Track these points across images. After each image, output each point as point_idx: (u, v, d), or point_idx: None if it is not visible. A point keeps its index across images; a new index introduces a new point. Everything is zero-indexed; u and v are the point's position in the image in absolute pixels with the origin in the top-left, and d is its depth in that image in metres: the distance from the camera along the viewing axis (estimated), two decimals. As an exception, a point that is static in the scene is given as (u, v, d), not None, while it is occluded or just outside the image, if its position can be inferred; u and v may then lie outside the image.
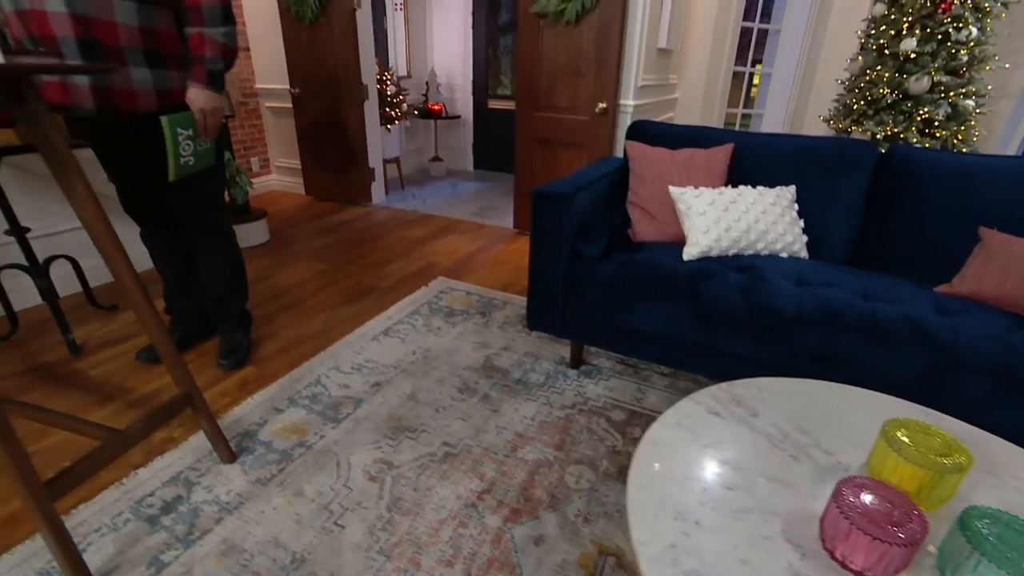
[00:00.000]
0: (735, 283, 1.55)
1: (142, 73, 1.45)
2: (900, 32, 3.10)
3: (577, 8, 2.54)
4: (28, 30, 1.33)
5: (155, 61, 1.47)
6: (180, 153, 1.52)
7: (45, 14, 1.32)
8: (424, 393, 1.78)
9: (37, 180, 2.29)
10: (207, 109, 1.53)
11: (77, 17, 1.32)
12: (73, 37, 1.33)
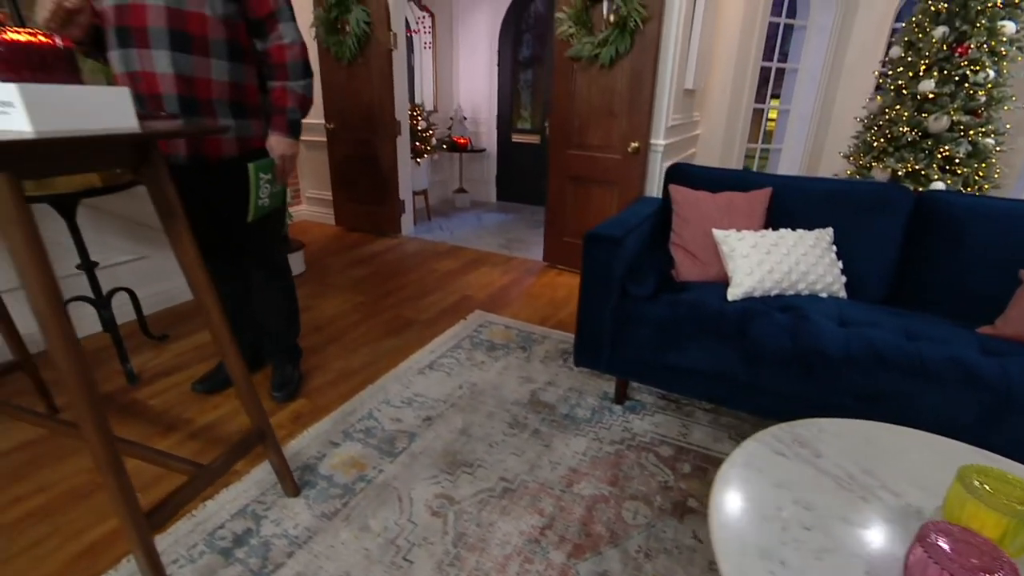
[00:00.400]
0: (781, 323, 1.61)
1: (228, 123, 1.57)
2: (918, 74, 3.21)
3: (611, 54, 2.67)
4: (136, 89, 1.44)
5: (239, 112, 1.59)
6: (259, 196, 1.62)
7: (154, 75, 1.44)
8: (476, 428, 1.83)
9: (103, 217, 2.40)
10: (286, 155, 1.64)
11: (181, 77, 1.45)
12: (175, 95, 1.46)
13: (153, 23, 1.41)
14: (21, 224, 0.86)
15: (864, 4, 3.91)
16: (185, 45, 1.44)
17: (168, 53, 1.43)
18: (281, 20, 1.54)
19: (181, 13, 1.42)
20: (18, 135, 0.85)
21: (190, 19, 1.43)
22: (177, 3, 1.41)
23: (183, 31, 1.43)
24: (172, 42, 1.43)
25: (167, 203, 1.14)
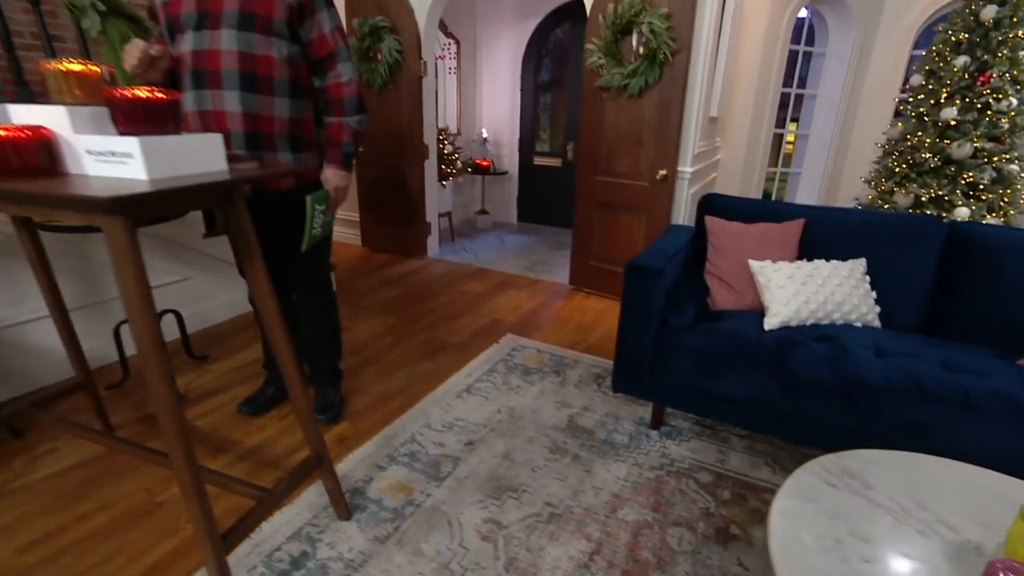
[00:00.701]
0: (819, 354, 1.65)
1: (286, 157, 1.66)
2: (939, 101, 3.26)
3: (640, 84, 2.75)
4: (206, 127, 1.53)
5: (296, 146, 1.67)
6: (313, 226, 1.70)
7: (224, 114, 1.53)
8: (518, 453, 1.87)
9: (150, 240, 2.49)
10: (340, 187, 1.72)
11: (248, 115, 1.54)
12: (243, 132, 1.55)
13: (226, 66, 1.50)
14: (134, 264, 0.93)
15: (882, 33, 3.98)
16: (253, 85, 1.53)
17: (238, 93, 1.52)
18: (340, 60, 1.63)
19: (252, 57, 1.51)
20: (136, 183, 0.92)
21: (259, 62, 1.52)
22: (248, 47, 1.50)
23: (252, 72, 1.52)
24: (242, 83, 1.52)
25: (246, 239, 1.21)
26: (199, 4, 1.50)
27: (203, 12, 1.49)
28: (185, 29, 1.52)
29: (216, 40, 1.50)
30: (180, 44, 1.54)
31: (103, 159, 0.96)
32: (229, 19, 1.48)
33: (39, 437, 1.91)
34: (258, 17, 1.49)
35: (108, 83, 1.09)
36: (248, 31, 1.49)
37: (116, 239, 0.91)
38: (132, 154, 0.92)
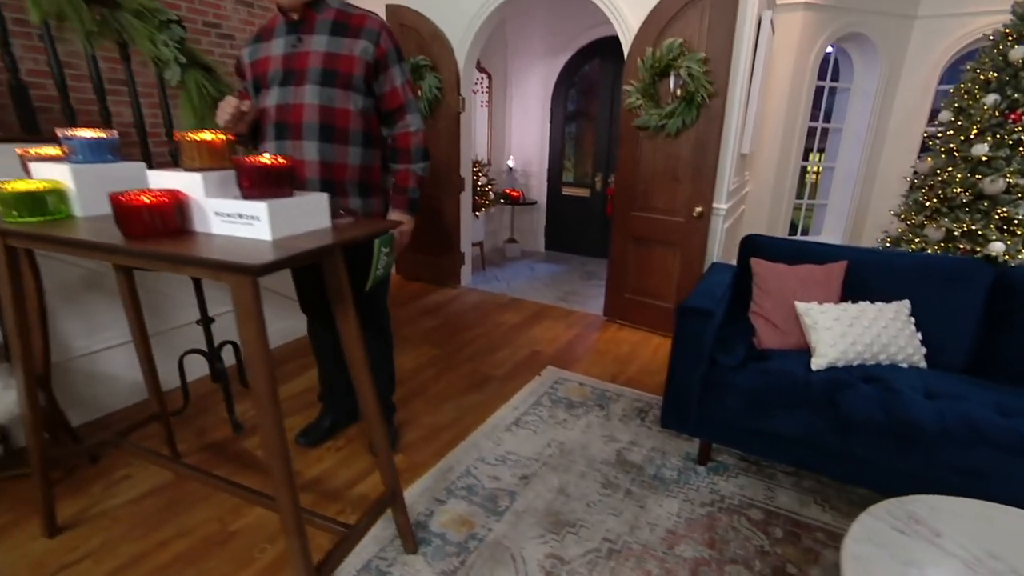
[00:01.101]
0: (869, 395, 1.69)
1: (356, 201, 1.76)
2: (970, 137, 3.31)
3: (678, 124, 2.85)
4: None
5: (365, 191, 1.78)
6: (378, 267, 1.79)
7: (303, 162, 1.65)
8: (571, 487, 1.92)
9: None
10: (405, 231, 1.82)
11: (324, 163, 1.66)
12: (318, 178, 1.66)
13: (308, 119, 1.62)
14: (257, 318, 1.02)
15: (908, 69, 4.07)
16: (330, 136, 1.65)
17: (316, 144, 1.64)
18: (409, 111, 1.74)
19: (331, 110, 1.63)
20: (261, 243, 1.02)
21: (337, 115, 1.64)
22: (328, 101, 1.62)
23: (331, 124, 1.64)
24: (321, 134, 1.64)
25: (340, 287, 1.31)
26: (286, 63, 1.63)
27: (289, 70, 1.63)
28: (271, 85, 1.65)
29: (300, 95, 1.62)
30: (265, 98, 1.68)
31: (230, 220, 1.06)
32: (313, 76, 1.61)
33: (113, 463, 2.00)
34: (339, 74, 1.61)
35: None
36: (329, 87, 1.62)
37: (244, 296, 1.01)
38: (259, 217, 1.03)
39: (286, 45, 1.64)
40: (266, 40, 1.69)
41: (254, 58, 1.70)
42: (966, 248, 3.29)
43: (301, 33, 1.63)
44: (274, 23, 1.70)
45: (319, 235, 1.13)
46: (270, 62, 1.65)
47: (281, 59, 1.63)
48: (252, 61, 1.70)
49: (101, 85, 2.20)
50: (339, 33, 1.62)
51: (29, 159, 1.38)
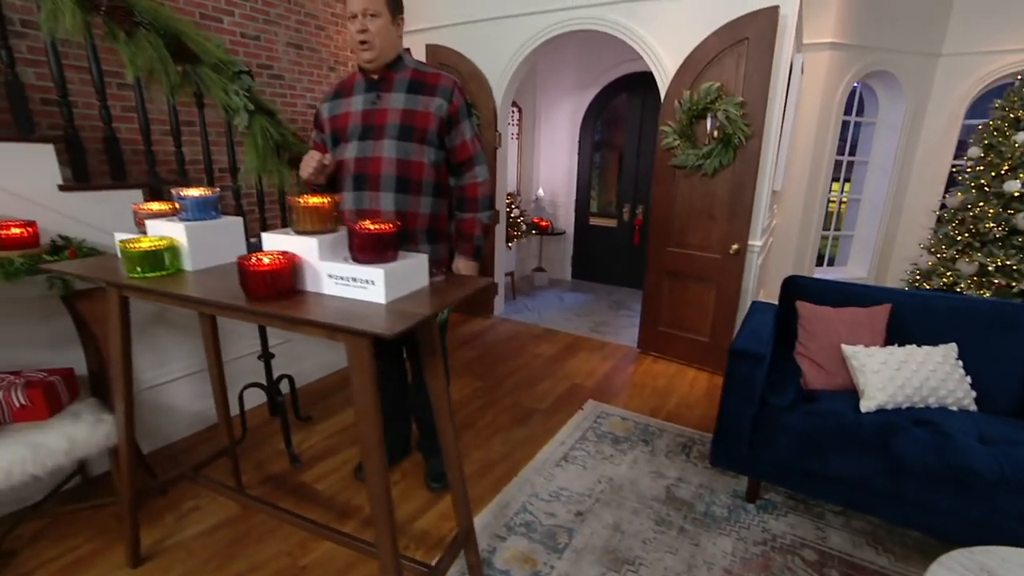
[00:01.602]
0: (923, 439, 1.74)
1: (424, 248, 1.85)
2: (1001, 173, 3.37)
3: (715, 165, 2.94)
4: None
5: (433, 238, 1.87)
6: (443, 313, 1.88)
7: (379, 212, 1.75)
8: (626, 524, 1.97)
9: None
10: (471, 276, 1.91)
11: (399, 213, 1.75)
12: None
13: (385, 171, 1.73)
14: (371, 375, 1.11)
15: (933, 103, 4.15)
16: (406, 187, 1.75)
17: (393, 195, 1.74)
18: (477, 163, 1.84)
19: (407, 163, 1.73)
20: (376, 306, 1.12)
21: (413, 167, 1.74)
22: (405, 155, 1.73)
23: (406, 177, 1.74)
24: (397, 185, 1.74)
25: (432, 344, 1.40)
26: (365, 119, 1.74)
27: (368, 125, 1.74)
28: (351, 139, 1.76)
29: (378, 149, 1.73)
30: (344, 151, 1.78)
31: (344, 283, 1.16)
32: (391, 131, 1.72)
33: (181, 494, 2.09)
34: (415, 129, 1.72)
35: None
36: (406, 141, 1.72)
37: (360, 357, 1.10)
38: (375, 281, 1.12)
39: (366, 102, 1.75)
40: (346, 96, 1.80)
41: (334, 113, 1.81)
42: (1000, 283, 3.32)
43: (380, 91, 1.74)
44: (353, 81, 1.82)
45: (422, 296, 1.22)
46: (350, 117, 1.76)
47: (361, 115, 1.75)
48: (332, 116, 1.82)
49: (178, 132, 2.34)
50: (416, 91, 1.73)
51: (143, 214, 1.50)
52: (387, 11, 1.67)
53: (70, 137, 2.02)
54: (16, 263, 1.64)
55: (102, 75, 2.09)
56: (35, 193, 1.91)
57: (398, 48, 1.75)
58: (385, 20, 1.67)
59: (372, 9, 1.64)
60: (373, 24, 1.65)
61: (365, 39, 1.66)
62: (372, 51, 1.68)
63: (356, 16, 1.65)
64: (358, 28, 1.66)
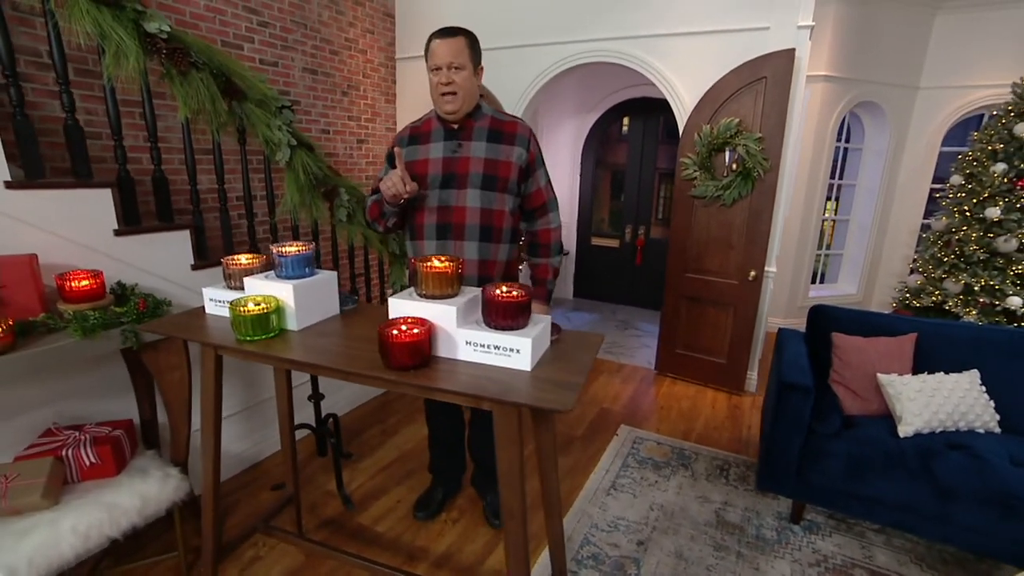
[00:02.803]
0: (961, 463, 1.89)
1: None
2: (982, 200, 3.65)
3: (734, 196, 3.09)
4: None
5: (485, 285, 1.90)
6: None
7: (463, 261, 1.76)
8: (687, 552, 2.05)
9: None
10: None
11: (482, 261, 1.78)
12: (476, 275, 1.78)
13: (470, 221, 1.75)
14: (519, 444, 1.15)
15: (912, 132, 4.46)
16: (488, 236, 1.77)
17: (477, 244, 1.77)
18: (551, 209, 1.88)
19: (489, 212, 1.76)
20: (519, 372, 1.16)
21: (495, 216, 1.76)
22: (488, 204, 1.75)
23: (489, 225, 1.76)
24: (481, 235, 1.76)
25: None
26: (446, 167, 1.74)
27: (450, 174, 1.74)
28: (431, 187, 1.76)
29: (462, 198, 1.74)
30: (423, 199, 1.78)
31: (483, 350, 1.19)
32: (474, 180, 1.73)
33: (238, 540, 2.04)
34: (498, 178, 1.74)
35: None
36: (489, 190, 1.74)
37: (509, 425, 1.14)
38: (520, 349, 1.16)
39: (446, 150, 1.75)
40: (423, 143, 1.79)
41: (411, 159, 1.78)
42: (985, 302, 3.60)
43: (461, 139, 1.75)
44: (429, 127, 1.80)
45: (562, 360, 1.24)
46: (428, 164, 1.75)
47: (441, 163, 1.74)
48: (408, 161, 1.78)
49: (221, 168, 2.31)
50: (495, 140, 1.75)
51: (237, 271, 1.49)
52: (471, 63, 1.68)
53: (123, 180, 1.97)
54: (91, 319, 1.59)
55: (154, 115, 2.05)
56: (92, 239, 1.86)
57: (477, 97, 1.77)
58: (469, 72, 1.68)
59: (458, 62, 1.65)
60: (458, 76, 1.66)
61: (450, 91, 1.67)
62: (456, 103, 1.69)
63: (441, 68, 1.67)
64: (443, 80, 1.67)
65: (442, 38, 1.67)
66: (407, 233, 1.90)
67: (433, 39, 1.70)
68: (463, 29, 1.69)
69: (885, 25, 4.09)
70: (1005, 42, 4.03)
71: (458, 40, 1.66)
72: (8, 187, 1.64)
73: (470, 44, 1.69)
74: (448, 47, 1.66)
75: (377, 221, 1.86)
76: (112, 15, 1.76)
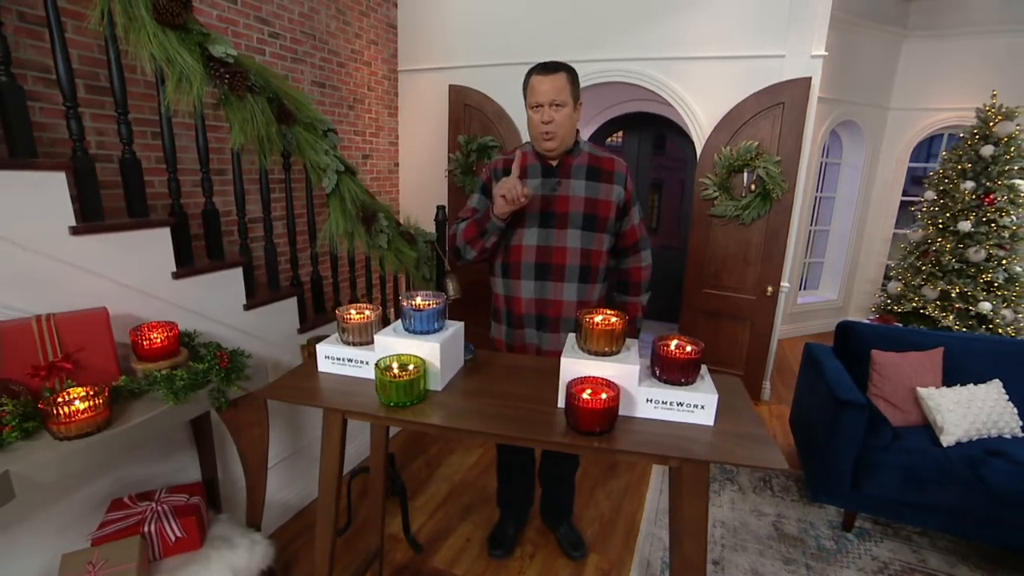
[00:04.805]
0: (1004, 469, 2.07)
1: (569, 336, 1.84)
2: (955, 214, 4.00)
3: (753, 215, 3.22)
4: (540, 312, 1.76)
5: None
6: None
7: (562, 303, 1.74)
8: (761, 568, 2.12)
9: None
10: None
11: (580, 302, 1.75)
12: (574, 317, 1.73)
13: (571, 262, 1.71)
14: (707, 499, 1.15)
15: (885, 148, 4.82)
16: (587, 276, 1.74)
17: (576, 285, 1.73)
18: (643, 247, 1.85)
19: (589, 252, 1.72)
20: (703, 427, 1.16)
21: (593, 256, 1.74)
22: (588, 244, 1.72)
23: (588, 265, 1.73)
24: (580, 275, 1.73)
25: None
26: (544, 204, 1.70)
27: (549, 212, 1.70)
28: (528, 225, 1.71)
29: (562, 238, 1.70)
30: (520, 236, 1.73)
31: (665, 407, 1.19)
32: (575, 220, 1.70)
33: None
34: (598, 218, 1.71)
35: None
36: (589, 230, 1.71)
37: (700, 481, 1.14)
38: (704, 406, 1.16)
39: (544, 187, 1.70)
40: (520, 178, 1.70)
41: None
42: (960, 307, 3.95)
43: (560, 177, 1.71)
44: (525, 162, 1.72)
45: (736, 413, 1.25)
46: None
47: (539, 200, 1.70)
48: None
49: (268, 197, 2.15)
50: (594, 178, 1.71)
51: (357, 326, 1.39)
52: (571, 99, 1.64)
53: (178, 217, 1.79)
54: (177, 380, 1.44)
55: (207, 142, 1.87)
56: (151, 284, 1.68)
57: (575, 134, 1.73)
58: (569, 108, 1.64)
59: (559, 99, 1.61)
60: (559, 114, 1.62)
61: (550, 130, 1.64)
62: (555, 140, 1.65)
63: (542, 106, 1.63)
64: (543, 119, 1.63)
65: (543, 74, 1.63)
66: (496, 270, 1.84)
67: (533, 75, 1.66)
68: (564, 64, 1.65)
69: (861, 49, 4.39)
70: (964, 69, 4.43)
71: (559, 76, 1.62)
72: (75, 233, 1.45)
73: (571, 80, 1.65)
74: (550, 84, 1.61)
75: (472, 243, 1.75)
76: (178, 38, 1.60)
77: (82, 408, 1.22)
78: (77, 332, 1.38)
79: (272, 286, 2.23)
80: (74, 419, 1.21)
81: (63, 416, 1.20)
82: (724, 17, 3.19)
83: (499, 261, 1.81)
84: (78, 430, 1.21)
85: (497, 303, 1.88)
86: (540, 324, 1.79)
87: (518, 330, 1.83)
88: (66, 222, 1.44)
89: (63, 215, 1.44)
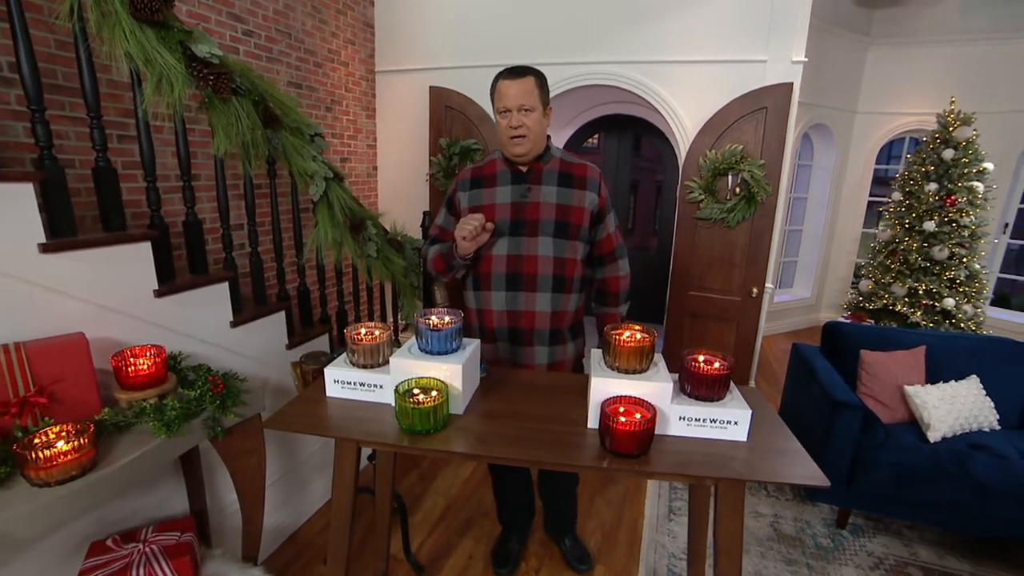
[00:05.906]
0: (988, 463, 2.14)
1: (570, 347, 1.79)
2: (920, 215, 4.17)
3: (738, 218, 3.26)
4: (513, 324, 1.69)
5: (575, 334, 1.81)
6: None
7: (534, 313, 1.67)
8: (764, 570, 2.14)
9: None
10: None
11: (554, 313, 1.68)
12: (548, 329, 1.68)
13: (542, 271, 1.64)
14: (742, 516, 1.12)
15: (853, 150, 4.99)
16: (560, 286, 1.67)
17: (549, 295, 1.66)
18: (620, 256, 1.78)
19: (562, 261, 1.65)
20: (737, 443, 1.14)
21: (567, 265, 1.66)
22: (560, 252, 1.64)
23: (561, 275, 1.66)
24: (553, 285, 1.66)
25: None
26: (515, 212, 1.63)
27: (519, 220, 1.63)
28: (498, 234, 1.64)
29: (533, 247, 1.63)
30: (490, 246, 1.65)
31: (698, 424, 1.15)
32: (546, 228, 1.62)
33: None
34: (570, 225, 1.64)
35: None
36: (561, 238, 1.63)
37: (737, 498, 1.11)
38: (737, 422, 1.14)
39: (514, 194, 1.64)
40: (488, 187, 1.67)
41: (474, 204, 1.67)
42: (927, 303, 4.11)
43: (530, 183, 1.64)
44: (494, 169, 1.69)
45: (765, 426, 1.23)
46: (495, 210, 1.63)
47: (509, 208, 1.63)
48: (472, 206, 1.67)
49: (253, 206, 2.03)
50: (566, 184, 1.64)
51: (362, 345, 1.31)
52: (540, 103, 1.58)
53: (160, 230, 1.66)
54: (167, 410, 1.32)
55: (188, 149, 1.74)
56: (131, 303, 1.55)
57: (546, 139, 1.67)
58: (538, 113, 1.58)
59: (528, 104, 1.55)
60: (528, 119, 1.56)
61: (519, 134, 1.57)
62: (525, 146, 1.59)
63: (510, 111, 1.57)
64: (512, 123, 1.57)
65: (511, 78, 1.57)
66: (468, 283, 1.77)
67: (500, 79, 1.60)
68: (532, 68, 1.59)
69: (831, 55, 4.53)
70: (925, 75, 4.63)
71: (528, 81, 1.56)
72: (45, 250, 1.31)
73: (539, 84, 1.59)
74: (518, 88, 1.55)
75: (443, 273, 1.73)
76: (157, 36, 1.48)
77: (65, 449, 1.10)
78: (51, 362, 1.25)
79: (258, 300, 2.10)
80: (56, 463, 1.08)
81: (43, 460, 1.07)
82: (707, 21, 3.21)
83: (469, 274, 1.74)
84: (61, 475, 1.09)
85: (470, 318, 1.78)
86: (513, 338, 1.71)
87: (489, 344, 1.74)
88: (34, 239, 1.30)
89: (31, 231, 1.30)
